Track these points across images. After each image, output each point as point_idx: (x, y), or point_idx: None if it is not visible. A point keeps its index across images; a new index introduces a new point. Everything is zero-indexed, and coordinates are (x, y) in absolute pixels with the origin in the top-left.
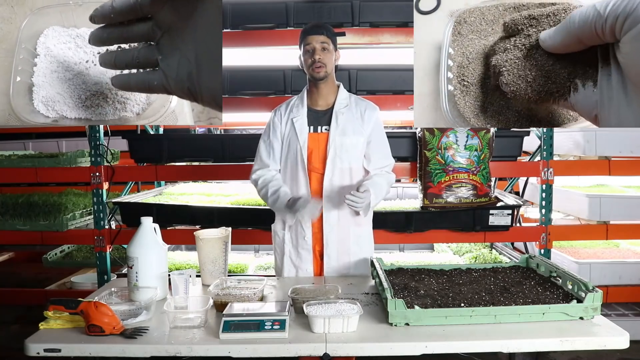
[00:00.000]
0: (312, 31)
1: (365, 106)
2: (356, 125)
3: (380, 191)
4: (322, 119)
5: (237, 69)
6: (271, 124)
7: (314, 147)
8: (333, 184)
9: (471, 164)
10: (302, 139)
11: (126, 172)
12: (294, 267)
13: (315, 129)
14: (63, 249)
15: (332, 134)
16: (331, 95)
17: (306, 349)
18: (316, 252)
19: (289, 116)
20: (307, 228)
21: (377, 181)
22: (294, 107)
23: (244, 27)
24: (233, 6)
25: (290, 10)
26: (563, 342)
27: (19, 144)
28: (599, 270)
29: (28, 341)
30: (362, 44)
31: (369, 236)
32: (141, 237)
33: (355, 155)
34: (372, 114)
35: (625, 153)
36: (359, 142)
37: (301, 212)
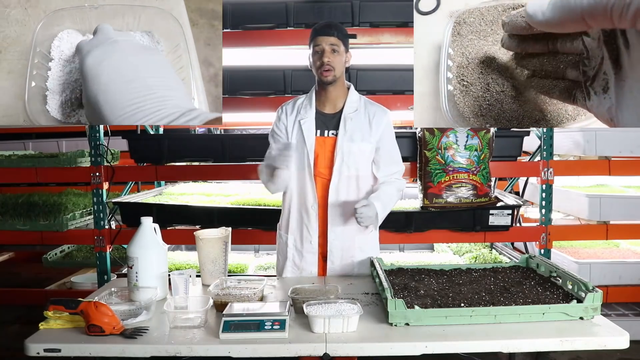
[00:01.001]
0: (322, 31)
1: (375, 111)
2: (364, 132)
3: (389, 201)
4: (329, 123)
5: (237, 69)
6: (278, 122)
7: (320, 152)
8: (339, 191)
9: (471, 164)
10: (310, 143)
11: (126, 172)
12: (297, 270)
13: (322, 133)
14: (63, 249)
15: (339, 140)
16: (340, 98)
17: (306, 349)
18: (319, 254)
19: (297, 117)
20: (313, 232)
21: (385, 191)
22: (302, 107)
23: (244, 27)
24: (233, 6)
25: (290, 10)
26: (563, 342)
27: (19, 144)
28: (599, 270)
29: (28, 341)
30: (362, 44)
31: (375, 242)
32: (141, 237)
33: (362, 162)
34: (381, 119)
35: (625, 153)
36: (367, 149)
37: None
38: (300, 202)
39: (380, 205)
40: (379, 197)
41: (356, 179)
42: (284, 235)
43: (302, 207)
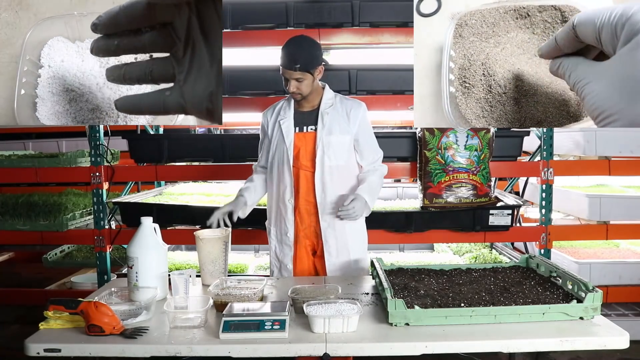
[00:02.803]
0: (287, 65)
1: (351, 105)
2: (342, 124)
3: (375, 189)
4: (308, 119)
5: (237, 69)
6: (262, 127)
7: (302, 146)
8: (324, 182)
9: (471, 164)
10: (289, 140)
11: (126, 172)
12: (278, 262)
13: (301, 129)
14: (63, 249)
15: (319, 134)
16: (316, 98)
17: (306, 349)
18: (307, 248)
19: (277, 118)
20: (289, 224)
21: (369, 181)
22: (282, 109)
23: (244, 27)
24: (233, 6)
25: (290, 10)
26: (563, 342)
27: (19, 144)
28: (599, 270)
29: (28, 341)
30: (362, 44)
31: (363, 228)
32: (141, 237)
33: (342, 153)
34: (357, 112)
35: (625, 153)
36: (346, 140)
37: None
38: (278, 196)
39: (368, 196)
40: (366, 189)
41: (337, 168)
42: (268, 226)
43: (281, 201)
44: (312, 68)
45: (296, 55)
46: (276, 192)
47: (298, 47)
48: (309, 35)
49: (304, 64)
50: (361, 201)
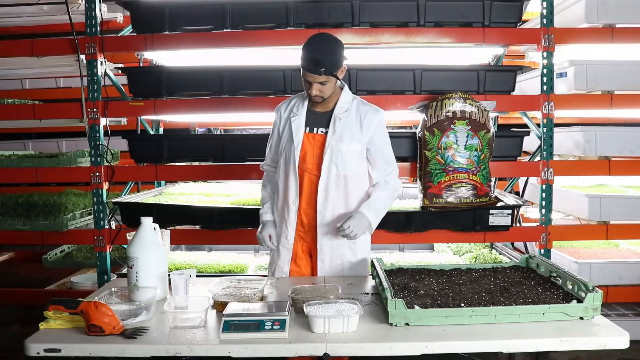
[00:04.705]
0: (310, 69)
1: (366, 111)
2: (354, 132)
3: (382, 206)
4: (320, 121)
5: (237, 69)
6: (275, 123)
7: (309, 149)
8: (328, 191)
9: (471, 164)
10: (297, 140)
11: (126, 172)
12: (273, 262)
13: (311, 130)
14: (63, 249)
15: (329, 139)
16: (333, 99)
17: (306, 349)
18: (304, 252)
19: (288, 115)
20: (291, 227)
21: (376, 197)
22: (295, 106)
23: (244, 27)
24: (233, 6)
25: (290, 10)
26: (563, 342)
27: (19, 144)
28: (599, 270)
29: (28, 341)
30: (362, 44)
31: (366, 243)
32: (141, 237)
33: (351, 162)
34: (372, 119)
35: (625, 153)
36: (357, 149)
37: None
38: (283, 197)
39: (373, 214)
40: (371, 206)
41: (344, 178)
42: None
43: (284, 202)
44: (337, 70)
45: (321, 58)
46: (282, 191)
47: (322, 49)
48: (328, 33)
49: (330, 67)
50: (359, 219)
